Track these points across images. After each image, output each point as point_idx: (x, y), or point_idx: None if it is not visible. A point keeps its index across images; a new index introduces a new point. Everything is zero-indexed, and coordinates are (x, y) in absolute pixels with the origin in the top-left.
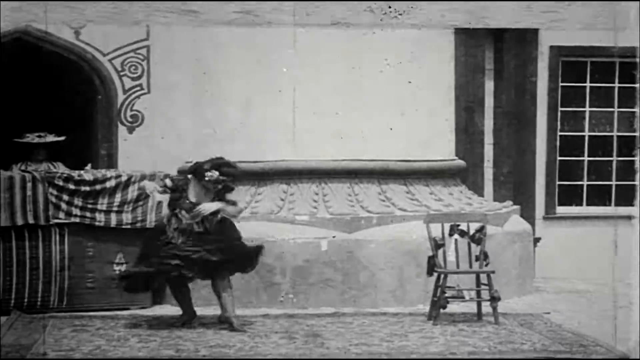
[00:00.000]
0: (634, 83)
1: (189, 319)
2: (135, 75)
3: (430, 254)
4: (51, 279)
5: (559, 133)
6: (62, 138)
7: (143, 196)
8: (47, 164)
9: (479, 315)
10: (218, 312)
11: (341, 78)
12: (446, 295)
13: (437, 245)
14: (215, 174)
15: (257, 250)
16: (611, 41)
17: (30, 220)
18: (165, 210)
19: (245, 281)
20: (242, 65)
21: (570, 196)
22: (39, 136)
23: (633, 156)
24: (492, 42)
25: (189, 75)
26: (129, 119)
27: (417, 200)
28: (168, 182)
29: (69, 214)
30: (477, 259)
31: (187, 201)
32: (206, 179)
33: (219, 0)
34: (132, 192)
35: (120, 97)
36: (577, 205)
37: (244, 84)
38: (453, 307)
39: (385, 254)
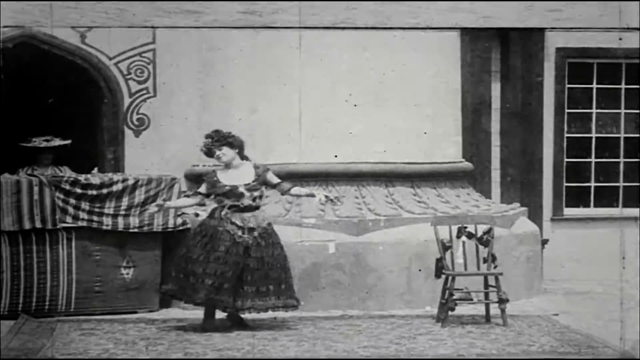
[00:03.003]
0: None
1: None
2: (141, 79)
3: (438, 256)
4: (59, 283)
5: (566, 134)
6: (69, 142)
7: (150, 200)
8: (53, 168)
9: (487, 317)
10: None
11: (347, 80)
12: (454, 297)
13: (445, 247)
14: None
15: None
16: (617, 42)
17: (38, 225)
18: None
19: None
20: (248, 67)
21: (577, 198)
22: (46, 140)
23: None
24: (499, 43)
25: (195, 78)
26: (135, 123)
27: (425, 202)
28: None
29: (76, 217)
30: (484, 261)
31: None
32: None
33: (225, 0)
34: (139, 196)
35: (127, 100)
36: (584, 206)
37: (249, 86)
38: (461, 309)
39: (393, 256)
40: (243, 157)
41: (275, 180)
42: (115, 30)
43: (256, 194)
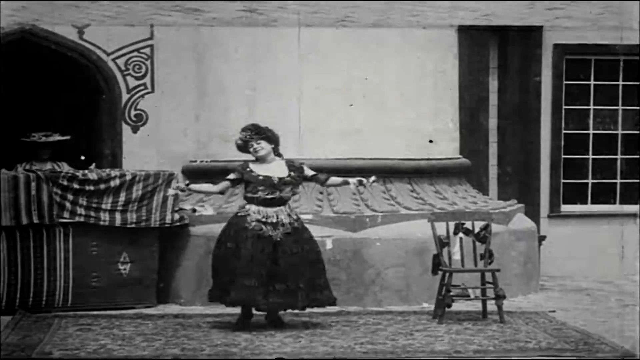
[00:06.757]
0: (638, 81)
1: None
2: (139, 75)
3: (435, 252)
4: (56, 278)
5: (564, 131)
6: (68, 137)
7: (148, 195)
8: (51, 163)
9: (484, 313)
10: (224, 310)
11: (345, 77)
12: (451, 293)
13: (442, 243)
14: None
15: None
16: (615, 39)
17: (35, 220)
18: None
19: None
20: (246, 64)
21: (575, 194)
22: (46, 135)
23: (638, 154)
24: (497, 40)
25: (192, 74)
26: (133, 118)
27: (422, 199)
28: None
29: (73, 213)
30: (482, 257)
31: None
32: None
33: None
34: (136, 192)
35: (124, 96)
36: (582, 203)
37: (248, 83)
38: (458, 306)
39: (390, 252)
40: (277, 154)
41: (311, 173)
42: (113, 27)
43: (288, 188)
